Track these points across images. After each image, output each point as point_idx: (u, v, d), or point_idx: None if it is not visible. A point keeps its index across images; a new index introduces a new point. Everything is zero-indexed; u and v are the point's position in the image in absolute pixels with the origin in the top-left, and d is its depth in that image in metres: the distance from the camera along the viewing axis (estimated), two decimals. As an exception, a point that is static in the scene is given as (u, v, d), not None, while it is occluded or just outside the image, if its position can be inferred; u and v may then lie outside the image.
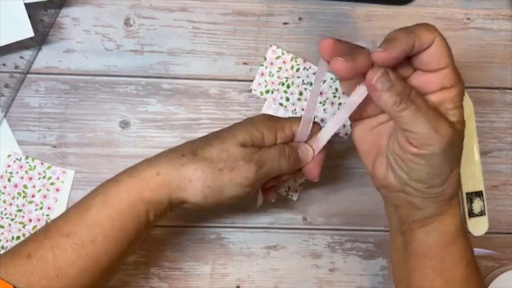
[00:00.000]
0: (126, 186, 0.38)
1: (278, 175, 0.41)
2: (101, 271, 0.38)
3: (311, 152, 0.42)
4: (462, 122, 0.36)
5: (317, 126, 0.42)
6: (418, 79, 0.36)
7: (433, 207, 0.38)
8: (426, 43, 0.34)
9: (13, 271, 0.36)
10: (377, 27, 0.52)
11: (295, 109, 0.51)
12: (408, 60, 0.36)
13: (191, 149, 0.39)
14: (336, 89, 0.51)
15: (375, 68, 0.34)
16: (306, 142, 0.42)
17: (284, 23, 0.52)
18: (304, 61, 0.51)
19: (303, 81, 0.51)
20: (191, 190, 0.38)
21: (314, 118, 0.41)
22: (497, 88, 0.53)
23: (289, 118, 0.43)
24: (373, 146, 0.39)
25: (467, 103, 0.52)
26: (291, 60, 0.51)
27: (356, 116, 0.39)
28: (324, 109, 0.51)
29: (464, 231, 0.40)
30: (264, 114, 0.43)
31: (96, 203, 0.38)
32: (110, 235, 0.38)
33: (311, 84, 0.51)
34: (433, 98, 0.36)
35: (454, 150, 0.35)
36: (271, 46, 0.51)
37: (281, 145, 0.41)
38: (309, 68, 0.51)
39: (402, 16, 0.53)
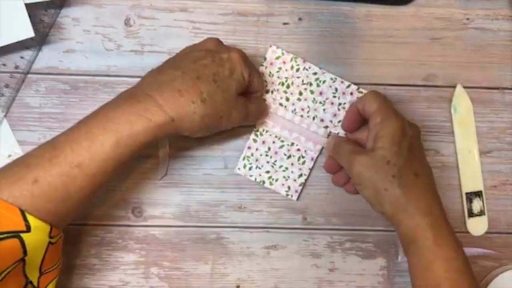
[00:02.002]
0: (143, 130, 0.41)
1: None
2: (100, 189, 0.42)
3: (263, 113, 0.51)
4: (382, 147, 0.43)
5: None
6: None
7: (401, 231, 0.44)
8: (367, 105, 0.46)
9: (18, 195, 0.37)
10: (377, 27, 0.53)
11: (295, 109, 0.51)
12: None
13: (199, 95, 0.43)
14: (336, 89, 0.51)
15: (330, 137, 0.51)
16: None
17: (284, 23, 0.52)
18: (304, 61, 0.51)
19: (303, 81, 0.51)
20: (195, 131, 0.44)
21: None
22: (497, 88, 0.53)
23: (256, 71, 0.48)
24: None
25: (466, 102, 0.52)
26: (291, 60, 0.51)
27: None
28: (324, 109, 0.51)
29: (444, 254, 0.42)
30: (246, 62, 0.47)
31: (109, 141, 0.40)
32: (120, 166, 0.41)
33: (311, 84, 0.51)
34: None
35: (376, 170, 0.43)
36: (271, 46, 0.52)
37: (259, 103, 0.50)
38: (309, 68, 0.51)
39: (402, 16, 0.53)
